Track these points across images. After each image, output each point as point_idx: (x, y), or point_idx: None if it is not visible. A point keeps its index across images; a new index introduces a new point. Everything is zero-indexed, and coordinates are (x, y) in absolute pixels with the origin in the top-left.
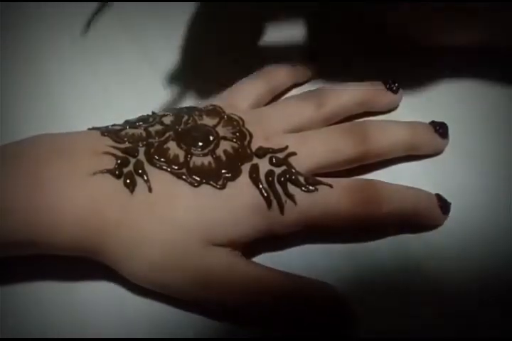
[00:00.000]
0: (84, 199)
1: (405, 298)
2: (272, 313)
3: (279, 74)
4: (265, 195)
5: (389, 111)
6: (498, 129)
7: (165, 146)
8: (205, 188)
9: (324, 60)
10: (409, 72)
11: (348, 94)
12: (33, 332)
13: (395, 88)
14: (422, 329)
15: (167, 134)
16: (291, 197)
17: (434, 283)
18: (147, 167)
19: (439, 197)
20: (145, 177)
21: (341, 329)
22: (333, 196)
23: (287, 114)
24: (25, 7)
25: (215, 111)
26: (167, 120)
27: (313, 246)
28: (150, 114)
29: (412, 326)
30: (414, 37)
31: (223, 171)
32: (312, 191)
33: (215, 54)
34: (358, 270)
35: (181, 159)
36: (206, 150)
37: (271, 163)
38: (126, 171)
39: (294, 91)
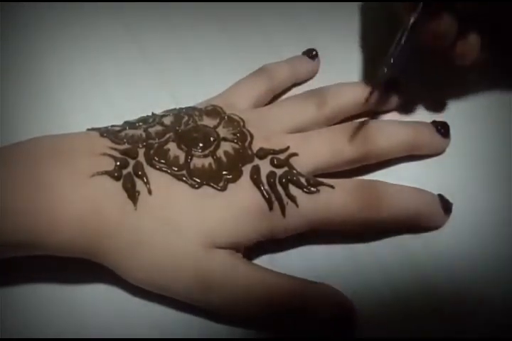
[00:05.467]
0: (84, 200)
1: (406, 298)
2: (274, 315)
3: (279, 73)
4: (267, 196)
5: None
6: (499, 129)
7: (165, 147)
8: (205, 190)
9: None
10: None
11: (349, 93)
12: (33, 332)
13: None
14: (421, 329)
15: (167, 135)
16: (292, 198)
17: (434, 284)
18: (147, 168)
19: (441, 197)
20: (144, 179)
21: (343, 331)
22: (334, 197)
23: (288, 113)
24: (25, 7)
25: (216, 112)
26: (167, 121)
27: (313, 248)
28: (150, 114)
29: (412, 326)
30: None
31: (224, 172)
32: (314, 192)
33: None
34: (359, 270)
35: (181, 160)
36: (207, 152)
37: (272, 164)
38: (126, 173)
39: (294, 91)
